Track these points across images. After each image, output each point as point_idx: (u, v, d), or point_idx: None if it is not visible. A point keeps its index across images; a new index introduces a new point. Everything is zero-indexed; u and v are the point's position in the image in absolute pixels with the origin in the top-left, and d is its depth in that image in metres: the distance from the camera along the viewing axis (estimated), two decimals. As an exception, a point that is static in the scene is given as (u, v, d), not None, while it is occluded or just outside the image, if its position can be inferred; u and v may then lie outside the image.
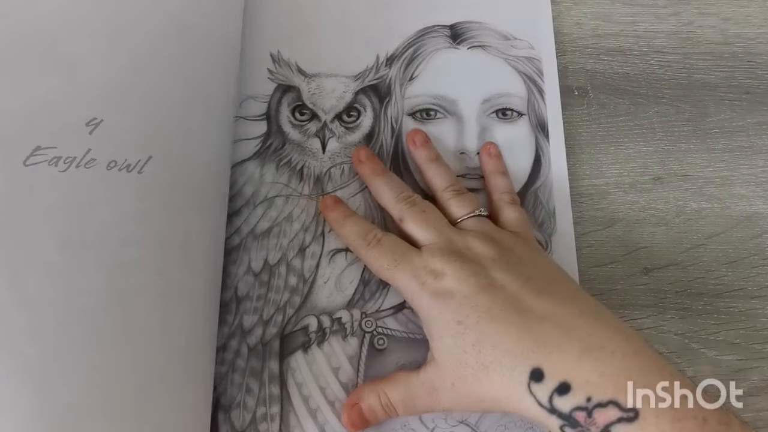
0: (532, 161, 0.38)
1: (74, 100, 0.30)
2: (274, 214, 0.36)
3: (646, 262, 0.37)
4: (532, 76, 0.40)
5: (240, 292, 0.34)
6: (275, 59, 0.39)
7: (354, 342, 0.34)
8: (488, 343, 0.27)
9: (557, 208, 0.37)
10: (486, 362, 0.27)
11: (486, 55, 0.40)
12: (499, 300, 0.28)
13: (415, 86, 0.39)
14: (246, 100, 0.38)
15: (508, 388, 0.27)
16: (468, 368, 0.28)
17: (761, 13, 0.43)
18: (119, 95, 0.31)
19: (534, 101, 0.39)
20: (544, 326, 0.27)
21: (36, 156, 0.28)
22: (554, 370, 0.26)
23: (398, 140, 0.38)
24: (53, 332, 0.27)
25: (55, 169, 0.29)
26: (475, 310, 0.28)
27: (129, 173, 0.30)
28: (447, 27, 0.40)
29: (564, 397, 0.25)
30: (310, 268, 0.35)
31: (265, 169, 0.37)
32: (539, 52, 0.40)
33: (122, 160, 0.30)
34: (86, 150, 0.29)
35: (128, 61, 0.32)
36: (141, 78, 0.32)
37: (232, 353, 0.33)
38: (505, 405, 0.27)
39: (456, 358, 0.28)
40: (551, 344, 0.26)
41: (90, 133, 0.30)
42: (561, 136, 0.38)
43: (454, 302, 0.29)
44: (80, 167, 0.29)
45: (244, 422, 0.32)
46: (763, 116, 0.41)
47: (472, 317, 0.28)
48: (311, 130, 0.38)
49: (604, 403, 0.25)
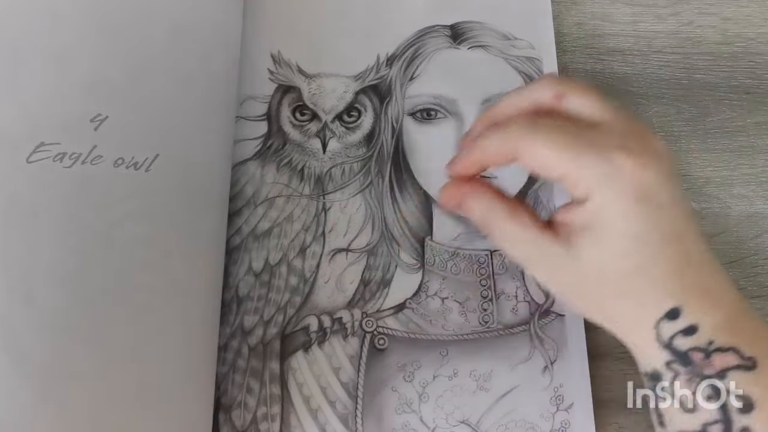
0: None
1: (74, 95, 0.30)
2: (275, 214, 0.36)
3: (646, 262, 0.37)
4: (533, 76, 0.40)
5: (241, 293, 0.34)
6: (276, 59, 0.39)
7: (355, 342, 0.34)
8: (647, 265, 0.25)
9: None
10: (632, 283, 0.25)
11: (486, 55, 0.40)
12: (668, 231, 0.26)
13: (416, 86, 0.39)
14: (246, 100, 0.38)
15: (636, 315, 0.26)
16: (611, 276, 0.26)
17: (761, 13, 0.43)
18: (122, 92, 0.31)
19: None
20: (692, 269, 0.26)
21: (39, 152, 0.28)
22: (690, 312, 0.25)
23: (399, 140, 0.38)
24: (56, 329, 0.27)
25: (60, 165, 0.28)
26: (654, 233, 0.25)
27: (137, 171, 0.30)
28: (447, 27, 0.40)
29: (687, 337, 0.25)
30: (310, 268, 0.35)
31: (265, 170, 0.37)
32: (539, 52, 0.40)
33: (129, 157, 0.30)
34: (92, 146, 0.29)
35: (129, 58, 0.31)
36: (143, 76, 0.32)
37: (233, 353, 0.33)
38: (616, 324, 0.27)
39: (607, 261, 0.26)
40: (696, 287, 0.26)
41: (95, 130, 0.29)
42: None
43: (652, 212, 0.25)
44: (86, 164, 0.29)
45: (245, 422, 0.32)
46: (763, 116, 0.41)
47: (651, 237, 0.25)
48: (312, 131, 0.38)
49: (725, 349, 0.25)
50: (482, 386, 0.34)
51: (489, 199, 0.27)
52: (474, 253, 0.36)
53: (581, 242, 0.25)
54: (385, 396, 0.33)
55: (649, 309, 0.26)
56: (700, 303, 0.26)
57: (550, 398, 0.33)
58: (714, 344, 0.25)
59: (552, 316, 0.35)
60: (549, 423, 0.33)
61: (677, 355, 0.26)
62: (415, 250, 0.36)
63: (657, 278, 0.25)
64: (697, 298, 0.26)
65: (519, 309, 0.35)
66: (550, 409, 0.33)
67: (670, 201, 0.25)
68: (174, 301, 0.30)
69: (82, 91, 0.30)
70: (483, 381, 0.34)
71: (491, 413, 0.33)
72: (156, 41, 0.33)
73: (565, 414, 0.33)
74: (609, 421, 0.34)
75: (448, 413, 0.33)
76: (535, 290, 0.35)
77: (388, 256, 0.36)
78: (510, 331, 0.35)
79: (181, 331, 0.30)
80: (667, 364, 0.26)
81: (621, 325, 0.27)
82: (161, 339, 0.29)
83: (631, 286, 0.26)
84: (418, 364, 0.34)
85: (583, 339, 0.35)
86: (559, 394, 0.34)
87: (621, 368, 0.35)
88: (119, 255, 0.29)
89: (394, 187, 0.37)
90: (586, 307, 0.27)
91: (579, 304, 0.27)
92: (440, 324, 0.35)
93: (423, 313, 0.35)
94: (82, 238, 0.28)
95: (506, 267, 0.36)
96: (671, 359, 0.26)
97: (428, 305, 0.35)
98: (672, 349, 0.26)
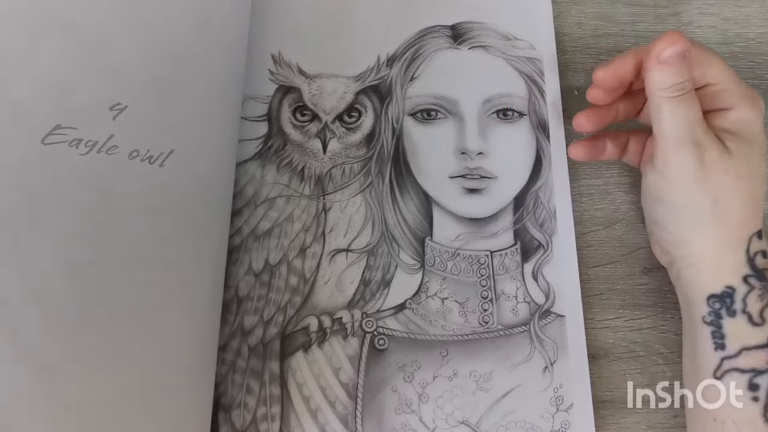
0: (533, 161, 0.38)
1: (96, 80, 0.29)
2: (275, 214, 0.36)
3: (646, 262, 0.37)
4: (533, 77, 0.40)
5: (241, 293, 0.34)
6: (276, 60, 0.39)
7: (354, 342, 0.34)
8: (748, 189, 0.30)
9: (558, 208, 0.37)
10: (760, 188, 0.31)
11: (487, 55, 0.40)
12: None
13: (416, 86, 0.39)
14: (247, 100, 0.38)
15: (744, 219, 0.30)
16: (754, 172, 0.31)
17: (761, 13, 0.43)
18: (143, 83, 0.30)
19: (535, 101, 0.39)
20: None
21: (55, 135, 0.27)
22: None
23: (399, 140, 0.38)
24: (61, 320, 0.26)
25: (75, 151, 0.28)
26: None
27: (151, 165, 0.30)
28: (448, 27, 0.41)
29: (764, 258, 0.30)
30: (310, 269, 0.35)
31: (266, 170, 0.37)
32: (540, 53, 0.40)
33: (145, 150, 0.29)
34: (109, 135, 0.29)
35: (153, 50, 0.31)
36: (165, 69, 0.31)
37: (233, 353, 0.33)
38: (708, 240, 0.30)
39: (755, 162, 0.31)
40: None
41: (114, 119, 0.29)
42: (562, 137, 0.38)
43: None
44: (101, 152, 0.28)
45: (244, 422, 0.32)
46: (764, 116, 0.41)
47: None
48: (312, 131, 0.38)
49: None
50: (482, 387, 0.33)
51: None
52: (474, 254, 0.36)
53: (732, 145, 0.30)
54: (385, 396, 0.33)
55: (754, 220, 0.30)
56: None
57: (550, 399, 0.33)
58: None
59: (552, 316, 0.35)
60: (549, 423, 0.33)
61: (755, 271, 0.30)
62: (415, 250, 0.36)
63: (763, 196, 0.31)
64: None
65: (519, 309, 0.35)
66: (550, 409, 0.33)
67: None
68: (177, 299, 0.30)
69: (104, 78, 0.29)
70: (483, 381, 0.34)
71: (491, 414, 0.33)
72: (180, 36, 0.32)
73: (565, 414, 0.33)
74: (609, 421, 0.34)
75: (447, 414, 0.33)
76: (535, 290, 0.35)
77: (388, 257, 0.36)
78: (510, 331, 0.35)
79: (183, 330, 0.30)
80: (744, 278, 0.30)
81: (719, 232, 0.30)
82: (163, 337, 0.29)
83: (759, 190, 0.31)
84: (418, 364, 0.34)
85: (583, 339, 0.35)
86: (559, 394, 0.34)
87: (621, 368, 0.35)
88: (127, 248, 0.29)
89: (394, 187, 0.37)
90: (708, 198, 0.30)
91: (702, 195, 0.30)
92: (440, 324, 0.35)
93: (423, 314, 0.35)
94: (91, 228, 0.28)
95: (506, 267, 0.36)
96: (750, 273, 0.30)
97: (428, 305, 0.35)
98: (753, 264, 0.30)
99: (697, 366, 0.30)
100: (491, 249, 0.36)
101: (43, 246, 0.26)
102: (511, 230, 0.36)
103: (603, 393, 0.35)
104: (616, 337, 0.36)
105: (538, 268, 0.36)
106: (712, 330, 0.30)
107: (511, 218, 0.37)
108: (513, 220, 0.37)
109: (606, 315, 0.36)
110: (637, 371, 0.35)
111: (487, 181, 0.37)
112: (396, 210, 0.37)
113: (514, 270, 0.36)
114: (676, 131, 0.30)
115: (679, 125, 0.30)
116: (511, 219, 0.37)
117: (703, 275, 0.31)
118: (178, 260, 0.30)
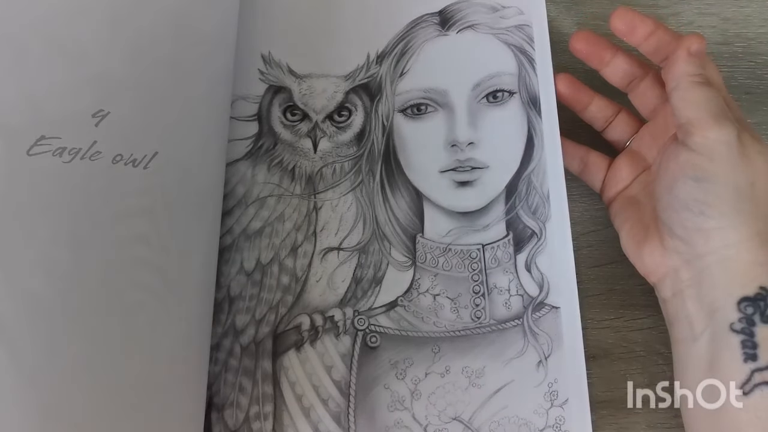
0: (524, 143, 0.37)
1: (79, 89, 0.29)
2: (266, 213, 0.36)
3: (646, 261, 0.36)
4: (523, 47, 0.39)
5: (232, 292, 0.35)
6: (266, 60, 0.39)
7: (347, 340, 0.34)
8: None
9: (551, 190, 0.36)
10: (763, 191, 0.29)
11: (475, 35, 0.39)
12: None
13: (406, 81, 0.39)
14: (237, 100, 0.38)
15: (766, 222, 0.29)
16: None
17: (761, 13, 0.42)
18: (124, 88, 0.31)
19: (525, 75, 0.38)
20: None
21: (40, 146, 0.28)
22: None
23: (389, 138, 0.38)
24: (50, 325, 0.27)
25: (59, 160, 0.28)
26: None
27: (135, 168, 0.30)
28: (436, 14, 0.40)
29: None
30: (302, 267, 0.35)
31: (256, 170, 0.37)
32: (529, 17, 0.39)
33: (128, 154, 0.30)
34: (92, 142, 0.29)
35: (134, 54, 0.31)
36: (146, 73, 0.31)
37: (225, 353, 0.33)
38: (742, 230, 0.29)
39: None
40: None
41: (96, 125, 0.29)
42: (554, 111, 0.37)
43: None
44: (85, 159, 0.29)
45: (237, 421, 0.32)
46: (763, 116, 0.40)
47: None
48: (302, 131, 0.38)
49: None
50: (474, 383, 0.33)
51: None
52: (465, 248, 0.35)
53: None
54: (378, 394, 0.33)
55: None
56: None
57: (544, 394, 0.33)
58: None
59: (546, 308, 0.34)
60: (543, 419, 0.33)
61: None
62: (406, 247, 0.36)
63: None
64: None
65: (512, 303, 0.35)
66: (544, 405, 0.33)
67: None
68: (168, 299, 0.30)
69: (86, 86, 0.30)
70: (475, 377, 0.33)
71: (484, 410, 0.33)
72: (160, 39, 0.32)
73: (560, 410, 0.33)
74: (608, 421, 0.34)
75: (440, 410, 0.33)
76: (528, 282, 0.35)
77: (379, 254, 0.36)
78: (503, 326, 0.34)
79: (174, 330, 0.30)
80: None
81: (754, 223, 0.29)
82: (154, 338, 0.29)
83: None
84: (410, 361, 0.34)
85: (579, 333, 0.34)
86: (554, 389, 0.33)
87: (621, 368, 0.35)
88: (116, 252, 0.29)
89: (385, 184, 0.37)
90: (747, 179, 0.29)
91: (743, 174, 0.29)
92: (432, 321, 0.34)
93: (415, 311, 0.35)
94: (79, 234, 0.28)
95: (498, 260, 0.35)
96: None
97: (420, 302, 0.35)
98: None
99: (717, 380, 0.28)
100: (483, 242, 0.35)
101: (27, 254, 0.27)
102: (503, 221, 0.36)
103: (603, 393, 0.34)
104: (616, 337, 0.35)
105: (531, 258, 0.35)
106: (742, 339, 0.27)
107: (503, 208, 0.36)
108: (505, 209, 0.36)
109: (606, 315, 0.36)
110: (637, 371, 0.35)
111: (479, 172, 0.37)
112: (387, 207, 0.36)
113: (506, 262, 0.35)
114: (715, 108, 0.29)
115: (715, 103, 0.30)
116: (503, 209, 0.36)
117: (734, 273, 0.28)
118: (167, 261, 0.30)
